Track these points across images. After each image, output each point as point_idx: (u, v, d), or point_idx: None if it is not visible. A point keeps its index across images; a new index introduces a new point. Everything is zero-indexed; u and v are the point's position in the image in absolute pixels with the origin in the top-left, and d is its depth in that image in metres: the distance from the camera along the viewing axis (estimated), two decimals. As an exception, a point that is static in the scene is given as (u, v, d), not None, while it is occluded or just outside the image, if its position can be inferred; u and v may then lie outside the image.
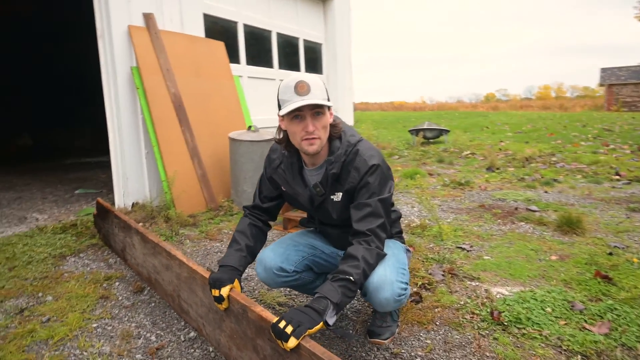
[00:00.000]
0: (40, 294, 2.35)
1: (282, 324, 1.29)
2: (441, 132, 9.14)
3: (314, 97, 1.49)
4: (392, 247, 1.72)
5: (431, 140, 9.42)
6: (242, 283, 2.00)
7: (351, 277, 1.41)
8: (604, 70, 30.67)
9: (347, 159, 1.61)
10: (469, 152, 7.50)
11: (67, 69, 11.18)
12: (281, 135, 1.68)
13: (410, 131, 9.51)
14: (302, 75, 1.54)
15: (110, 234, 2.94)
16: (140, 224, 3.59)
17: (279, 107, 1.56)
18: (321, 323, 1.33)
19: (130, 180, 4.00)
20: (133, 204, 4.01)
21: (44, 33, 10.02)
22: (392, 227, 1.85)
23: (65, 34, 9.98)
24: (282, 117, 1.58)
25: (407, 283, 1.63)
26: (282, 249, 1.80)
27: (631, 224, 3.27)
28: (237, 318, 1.57)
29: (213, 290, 1.57)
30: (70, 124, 11.35)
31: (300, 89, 1.48)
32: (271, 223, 1.92)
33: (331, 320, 1.36)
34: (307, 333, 1.29)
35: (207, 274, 1.71)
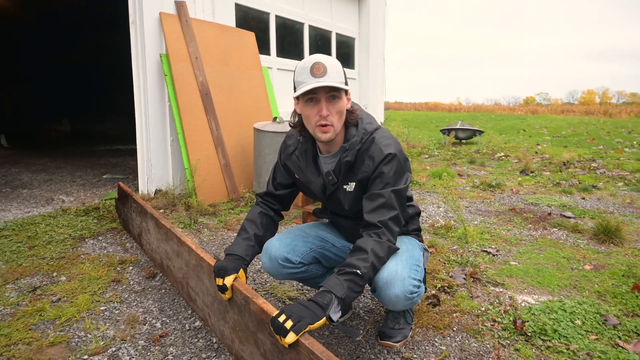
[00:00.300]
0: (55, 274, 2.37)
1: (281, 318, 1.21)
2: (474, 132, 8.83)
3: (330, 79, 1.41)
4: (407, 243, 1.61)
5: (463, 141, 9.13)
6: (248, 273, 1.94)
7: (358, 271, 1.32)
8: (654, 75, 29.07)
9: (363, 147, 1.52)
10: (502, 154, 7.20)
11: (106, 58, 11.50)
12: (296, 119, 1.60)
13: (442, 130, 9.24)
14: (319, 56, 1.45)
15: (128, 219, 2.95)
16: (161, 210, 3.60)
17: (295, 89, 1.48)
18: (324, 319, 1.25)
19: (154, 167, 4.03)
20: (156, 190, 4.04)
21: (87, 23, 10.34)
22: (409, 223, 1.74)
23: (108, 25, 10.26)
24: (297, 100, 1.50)
25: (420, 281, 1.52)
26: (289, 239, 1.72)
27: (677, 236, 3.00)
28: (240, 309, 1.50)
29: (217, 279, 1.51)
30: (108, 112, 11.69)
31: (317, 70, 1.40)
32: (290, 216, 1.84)
33: (335, 316, 1.28)
34: (307, 329, 1.20)
35: (213, 262, 1.65)
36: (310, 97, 1.44)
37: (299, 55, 6.16)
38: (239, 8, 4.94)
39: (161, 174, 4.09)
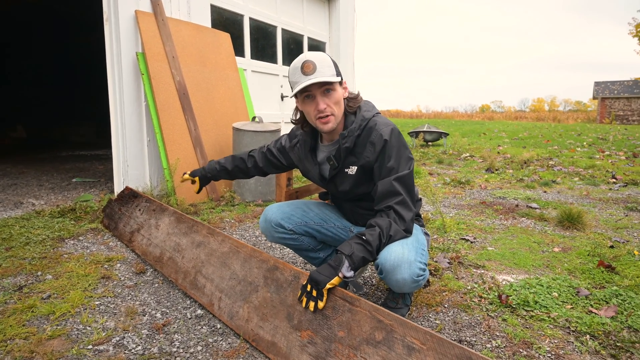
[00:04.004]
0: (39, 273, 2.31)
1: (308, 287, 1.41)
2: (440, 135, 9.18)
3: (321, 75, 1.50)
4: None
5: (430, 143, 9.46)
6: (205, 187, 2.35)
7: (363, 236, 1.44)
8: (597, 83, 31.08)
9: (362, 134, 1.60)
10: (467, 154, 7.54)
11: (63, 64, 11.12)
12: (298, 116, 1.71)
13: (409, 133, 9.55)
14: (308, 54, 1.54)
15: (124, 217, 2.87)
16: (141, 210, 3.56)
17: (291, 89, 1.58)
18: (336, 277, 1.38)
19: (130, 168, 3.97)
20: (133, 191, 3.97)
21: (49, 25, 9.96)
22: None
23: (70, 27, 9.93)
24: (297, 98, 1.61)
25: (426, 264, 1.57)
26: (289, 209, 1.84)
27: (630, 221, 3.30)
28: (281, 286, 1.62)
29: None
30: (66, 119, 11.27)
31: (306, 68, 1.50)
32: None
33: (348, 274, 1.39)
34: (327, 287, 1.37)
35: (254, 248, 1.80)
36: (306, 94, 1.55)
37: (272, 58, 6.23)
38: (214, 9, 4.96)
39: (138, 175, 4.04)
